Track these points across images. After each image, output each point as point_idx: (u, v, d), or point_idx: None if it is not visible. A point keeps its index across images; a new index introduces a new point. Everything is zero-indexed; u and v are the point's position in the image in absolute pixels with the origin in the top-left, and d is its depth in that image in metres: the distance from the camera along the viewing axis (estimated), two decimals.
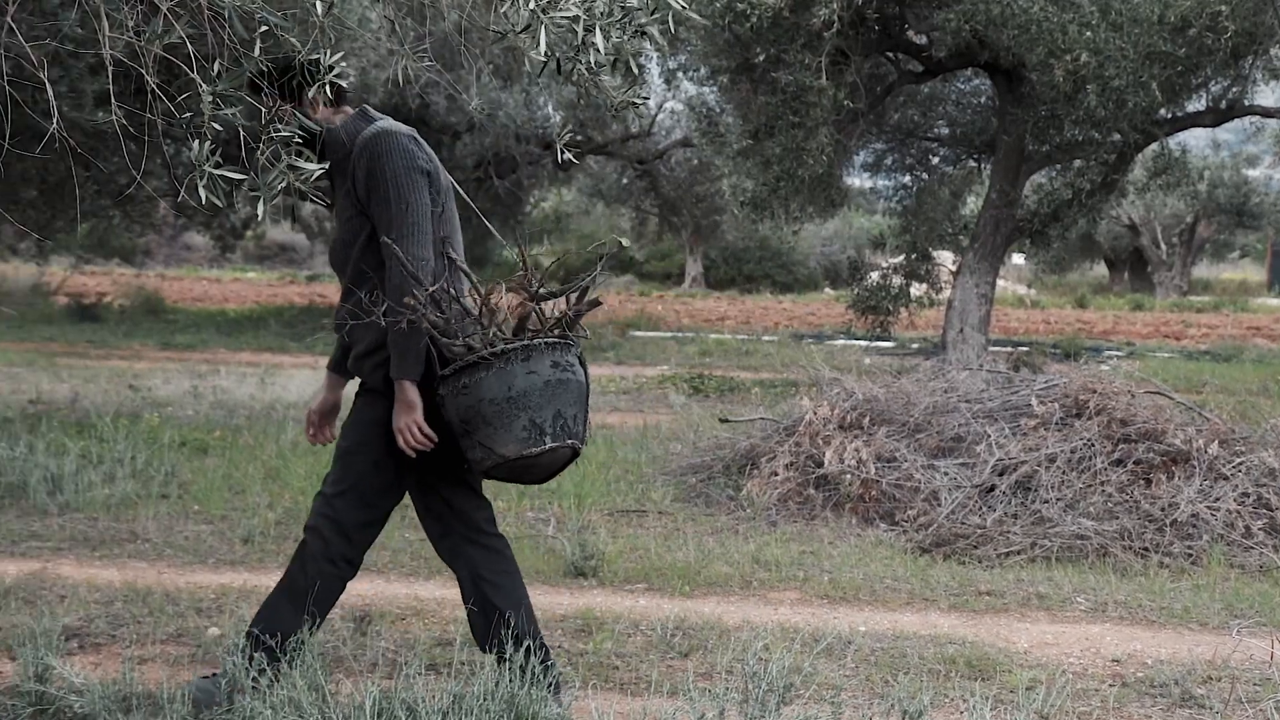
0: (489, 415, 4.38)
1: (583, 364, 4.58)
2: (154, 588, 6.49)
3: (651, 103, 24.18)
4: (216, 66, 3.48)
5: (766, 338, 23.33)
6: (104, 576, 6.75)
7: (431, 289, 4.47)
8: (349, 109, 4.76)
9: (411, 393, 4.51)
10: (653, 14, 3.73)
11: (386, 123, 4.69)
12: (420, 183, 4.57)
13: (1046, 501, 8.02)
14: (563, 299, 4.63)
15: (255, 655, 4.51)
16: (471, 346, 4.44)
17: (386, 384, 4.62)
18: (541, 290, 4.57)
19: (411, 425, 4.50)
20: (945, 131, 19.48)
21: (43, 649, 4.77)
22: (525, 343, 4.43)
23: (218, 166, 3.42)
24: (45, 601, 6.20)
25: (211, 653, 5.44)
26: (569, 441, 4.47)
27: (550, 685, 4.54)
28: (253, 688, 4.37)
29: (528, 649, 4.46)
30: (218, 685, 4.58)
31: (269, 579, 6.65)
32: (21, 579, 6.62)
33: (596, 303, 4.68)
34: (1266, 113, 16.04)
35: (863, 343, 21.67)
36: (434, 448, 4.56)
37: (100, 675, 4.83)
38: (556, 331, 4.52)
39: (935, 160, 20.00)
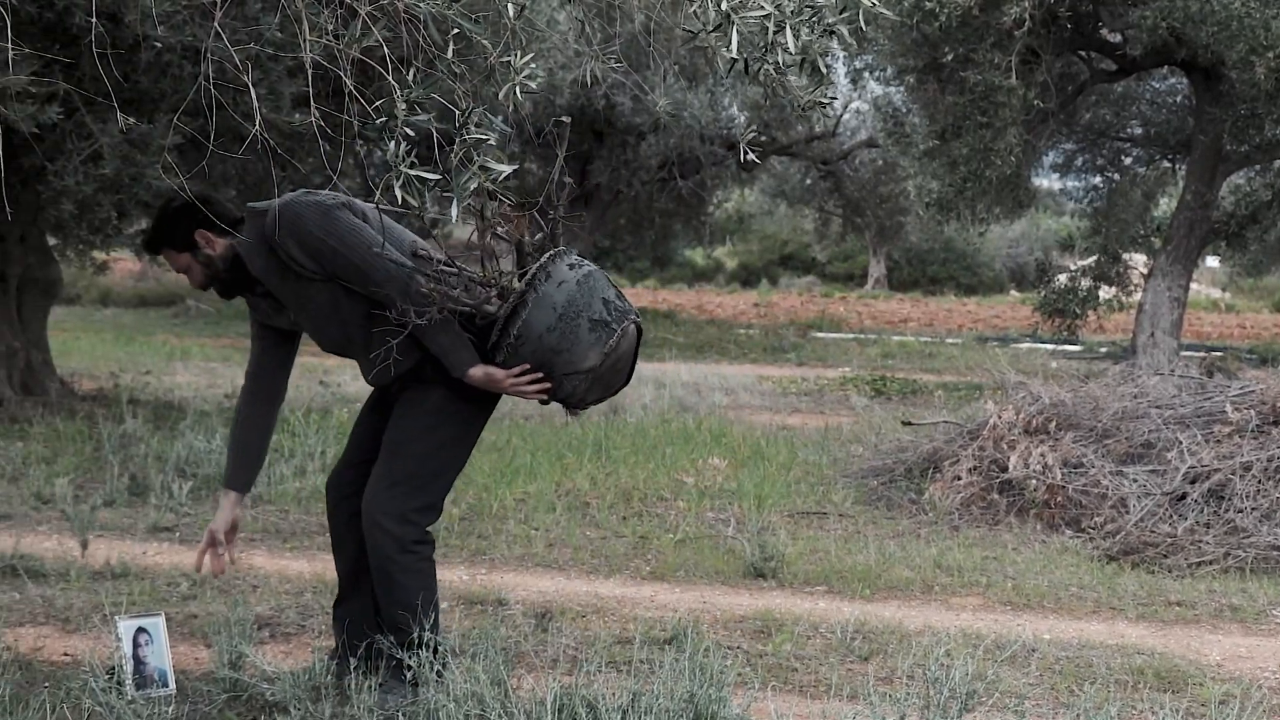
0: (554, 343, 4.44)
1: (582, 256, 4.64)
2: None
3: (837, 103, 24.05)
4: (411, 70, 3.54)
5: (950, 340, 23.06)
6: (294, 568, 6.91)
7: (432, 273, 4.52)
8: (232, 227, 4.71)
9: (479, 370, 4.56)
10: (842, 12, 3.71)
11: (272, 200, 4.70)
12: (342, 216, 4.55)
13: (1241, 511, 7.80)
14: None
15: (389, 668, 4.66)
16: (502, 295, 4.49)
17: (424, 374, 4.69)
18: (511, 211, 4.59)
19: (518, 383, 4.55)
20: (1139, 131, 19.10)
21: (236, 637, 4.91)
22: (539, 262, 4.47)
23: (412, 167, 3.48)
24: (239, 591, 6.37)
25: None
26: (629, 317, 4.56)
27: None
28: (437, 681, 4.44)
29: None
30: (398, 691, 4.67)
31: (453, 574, 6.78)
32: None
33: (563, 185, 4.66)
34: None
35: (1049, 346, 21.31)
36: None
37: (290, 664, 4.95)
38: (547, 240, 4.56)
39: (1127, 161, 19.62)
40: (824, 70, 3.95)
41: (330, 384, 14.09)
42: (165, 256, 4.80)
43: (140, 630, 4.83)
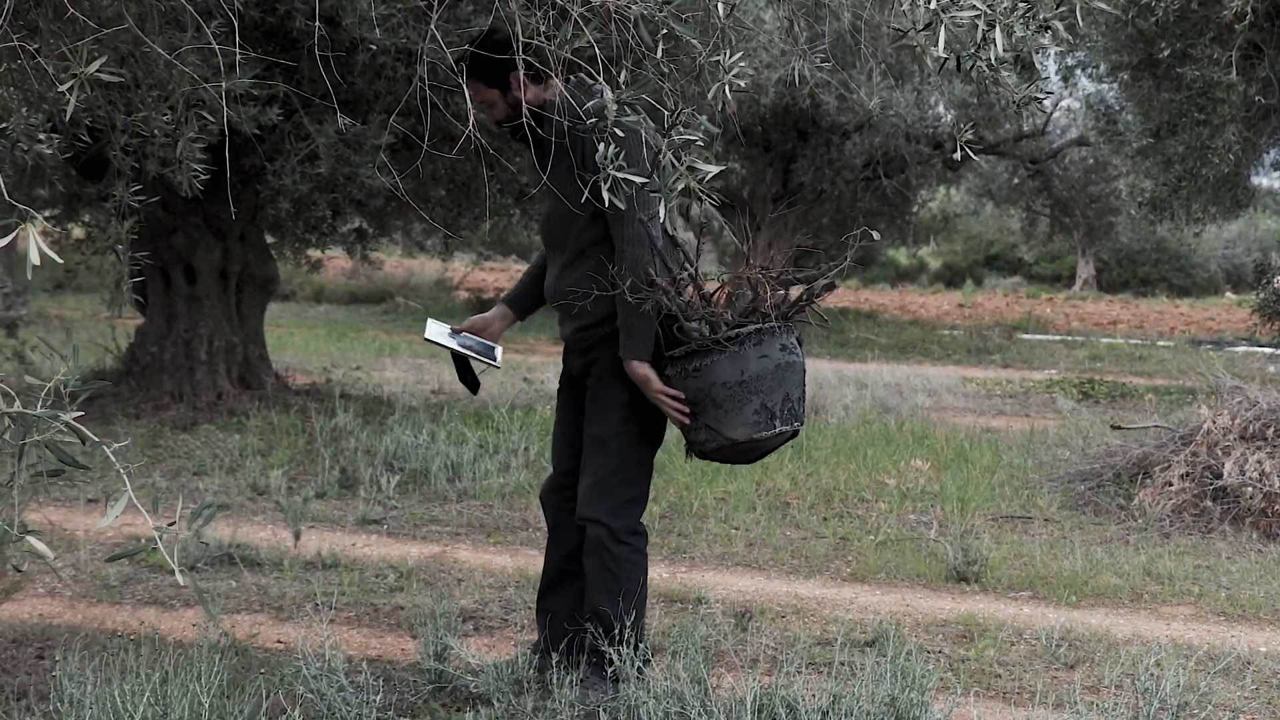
0: (720, 399, 4.44)
1: (800, 344, 4.60)
2: None
3: (1048, 101, 23.63)
4: (621, 71, 3.57)
5: (1161, 343, 22.50)
6: (498, 562, 7.02)
7: (680, 274, 4.59)
8: (555, 82, 4.60)
9: (643, 368, 4.60)
10: (1058, 7, 3.65)
11: (609, 95, 4.67)
12: (646, 160, 4.40)
13: None
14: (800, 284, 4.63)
15: (591, 664, 4.71)
16: (708, 329, 4.48)
17: (615, 365, 4.72)
18: (782, 276, 4.56)
19: (666, 401, 4.58)
20: None
21: (442, 629, 5.00)
22: (759, 326, 4.44)
23: (620, 169, 3.51)
24: (444, 584, 6.50)
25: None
26: (795, 424, 4.55)
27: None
28: (638, 678, 4.47)
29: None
30: (599, 687, 4.72)
31: (653, 572, 6.81)
32: (423, 561, 6.96)
33: (831, 287, 4.62)
34: None
35: (1267, 350, 20.65)
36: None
37: (494, 657, 5.03)
38: (783, 315, 4.51)
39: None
40: (1037, 67, 3.90)
41: (533, 381, 14.27)
42: (472, 88, 4.66)
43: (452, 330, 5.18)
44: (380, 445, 9.20)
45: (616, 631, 4.60)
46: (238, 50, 3.85)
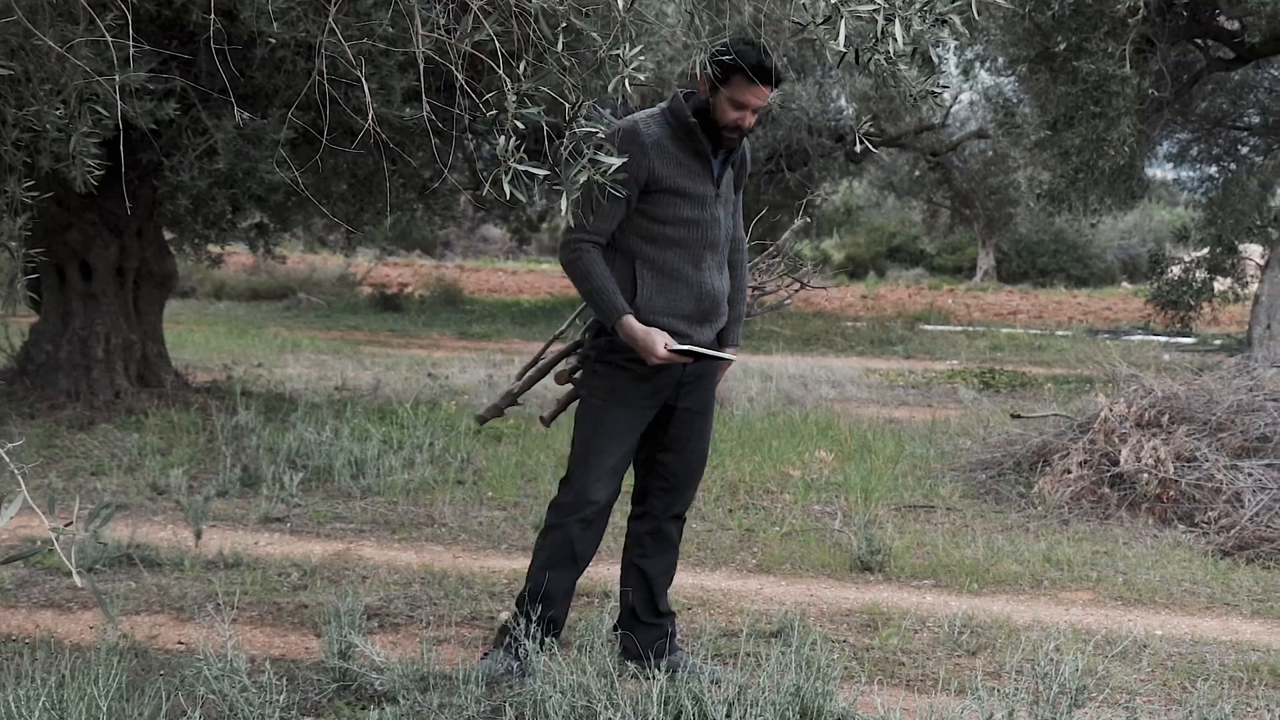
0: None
1: None
2: (449, 571, 6.69)
3: (947, 94, 23.86)
4: (521, 64, 3.57)
5: (1060, 333, 22.80)
6: (403, 559, 6.99)
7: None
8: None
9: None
10: (953, 2, 3.69)
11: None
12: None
13: None
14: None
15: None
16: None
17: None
18: None
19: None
20: (1256, 120, 18.78)
21: (346, 627, 4.97)
22: None
23: (520, 161, 3.51)
24: (348, 581, 6.45)
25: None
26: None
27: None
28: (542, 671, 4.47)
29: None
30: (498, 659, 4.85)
31: None
32: (326, 559, 6.91)
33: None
34: None
35: (1162, 339, 21.01)
36: None
37: (399, 654, 5.01)
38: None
39: (1244, 150, 19.30)
40: (935, 61, 3.94)
41: (438, 376, 14.21)
42: (762, 96, 4.83)
43: None
44: (283, 442, 9.12)
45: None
46: (132, 44, 3.80)
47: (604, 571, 6.78)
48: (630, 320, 4.74)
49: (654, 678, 4.39)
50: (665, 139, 4.79)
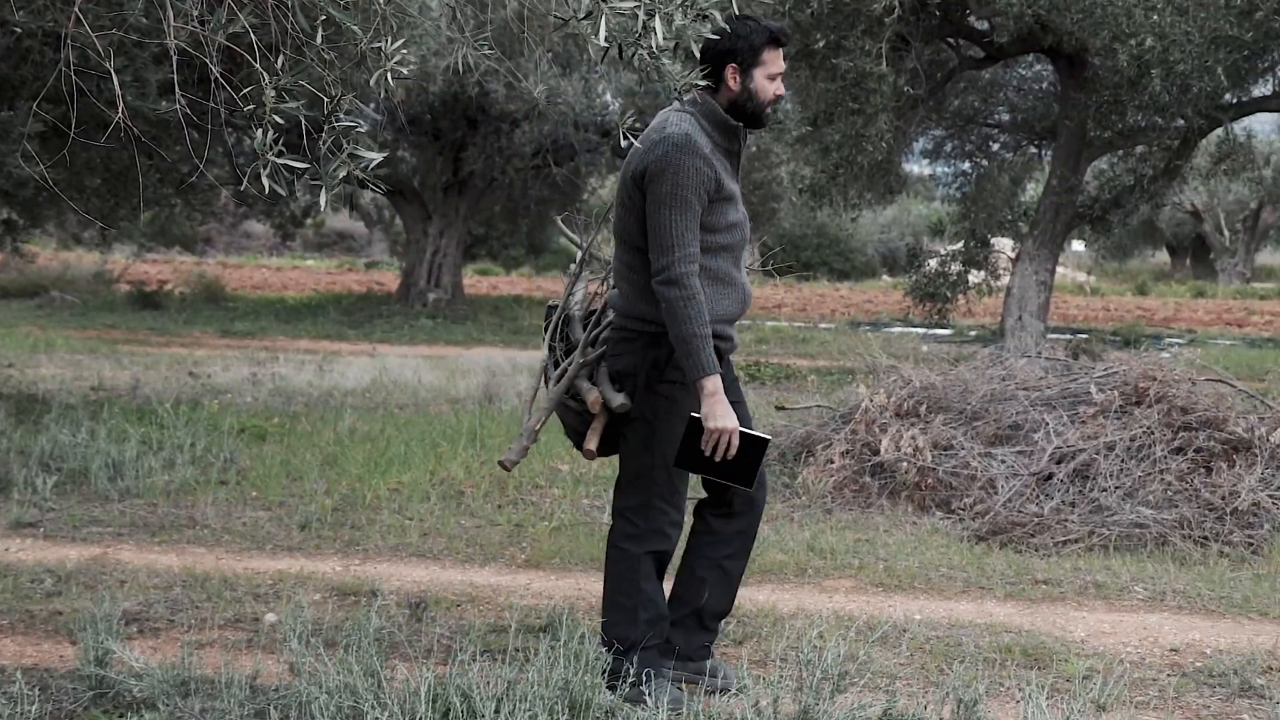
0: None
1: None
2: (212, 573, 6.55)
3: None
4: (279, 57, 3.50)
5: (823, 325, 23.28)
6: (163, 562, 6.81)
7: None
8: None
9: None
10: None
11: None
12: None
13: (1105, 490, 7.97)
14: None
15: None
16: None
17: None
18: None
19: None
20: (1006, 118, 19.40)
21: (103, 633, 4.82)
22: None
23: (280, 155, 3.45)
24: (105, 586, 6.26)
25: (270, 638, 5.48)
26: None
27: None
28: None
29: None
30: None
31: (325, 565, 6.74)
32: (82, 564, 6.70)
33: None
34: None
35: (920, 330, 21.60)
36: None
37: (159, 660, 4.88)
38: None
39: (995, 146, 19.92)
40: (698, 55, 3.98)
41: (200, 375, 13.91)
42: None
43: None
44: (35, 444, 8.81)
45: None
46: None
47: (371, 570, 6.71)
48: (718, 382, 4.57)
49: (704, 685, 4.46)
50: (707, 144, 4.66)
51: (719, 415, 4.54)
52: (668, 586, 5.00)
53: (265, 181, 3.45)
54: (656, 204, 4.56)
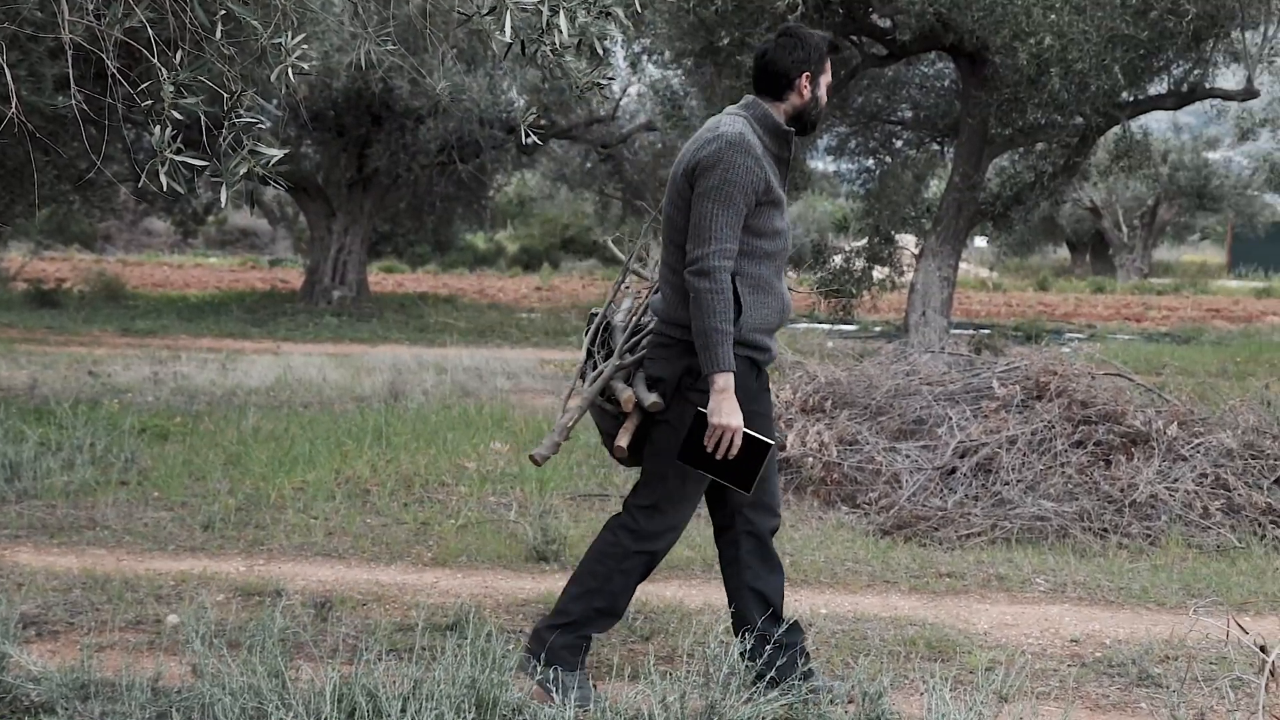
0: None
1: None
2: (113, 575, 6.46)
3: (616, 86, 24.16)
4: (178, 53, 3.46)
5: None
6: (62, 564, 6.71)
7: None
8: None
9: None
10: None
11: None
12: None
13: (1007, 483, 8.06)
14: None
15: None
16: None
17: None
18: None
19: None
20: (908, 115, 19.54)
21: (0, 637, 4.75)
22: None
23: (179, 152, 3.41)
24: (2, 589, 6.15)
25: (172, 639, 5.42)
26: None
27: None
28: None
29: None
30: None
31: (229, 565, 6.67)
32: None
33: None
34: (1227, 95, 16.13)
35: (825, 326, 21.72)
36: None
37: (58, 663, 4.81)
38: None
39: (898, 144, 20.06)
40: (601, 52, 3.98)
41: (99, 375, 13.72)
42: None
43: None
44: None
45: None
46: None
47: (275, 570, 6.66)
48: (730, 380, 4.54)
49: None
50: (759, 146, 4.65)
51: (725, 412, 4.53)
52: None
53: (164, 178, 3.42)
54: (702, 196, 4.56)
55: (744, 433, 4.56)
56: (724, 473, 4.65)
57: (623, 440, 4.88)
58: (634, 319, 5.18)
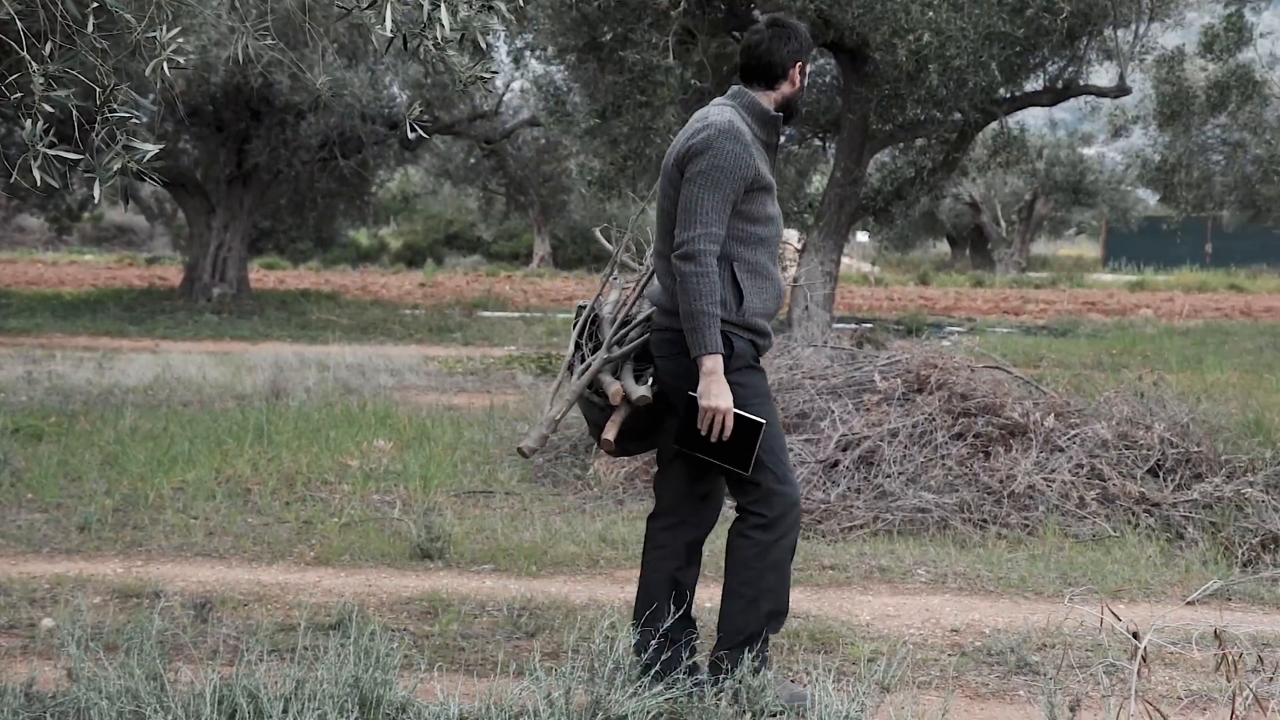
0: None
1: None
2: None
3: (499, 82, 24.09)
4: (49, 45, 3.40)
5: None
6: None
7: None
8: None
9: None
10: None
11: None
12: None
13: (889, 476, 8.15)
14: None
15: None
16: None
17: None
18: None
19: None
20: None
21: None
22: None
23: (51, 147, 3.34)
24: None
25: (47, 643, 5.32)
26: None
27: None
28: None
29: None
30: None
31: (106, 567, 6.57)
32: None
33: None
34: (1100, 92, 16.45)
35: None
36: None
37: None
38: None
39: (781, 140, 20.18)
40: (484, 47, 3.96)
41: None
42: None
43: None
44: None
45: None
46: None
47: (154, 570, 6.56)
48: (718, 362, 4.53)
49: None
50: (748, 133, 4.68)
51: (714, 394, 4.54)
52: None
53: (36, 173, 3.35)
54: (690, 180, 4.59)
55: (735, 413, 4.58)
56: (720, 454, 4.67)
57: (610, 433, 4.88)
58: (622, 311, 5.16)
